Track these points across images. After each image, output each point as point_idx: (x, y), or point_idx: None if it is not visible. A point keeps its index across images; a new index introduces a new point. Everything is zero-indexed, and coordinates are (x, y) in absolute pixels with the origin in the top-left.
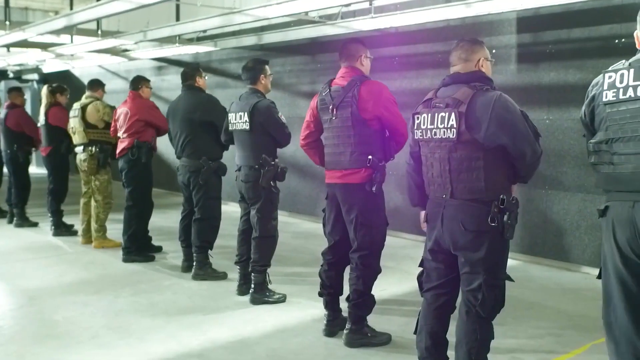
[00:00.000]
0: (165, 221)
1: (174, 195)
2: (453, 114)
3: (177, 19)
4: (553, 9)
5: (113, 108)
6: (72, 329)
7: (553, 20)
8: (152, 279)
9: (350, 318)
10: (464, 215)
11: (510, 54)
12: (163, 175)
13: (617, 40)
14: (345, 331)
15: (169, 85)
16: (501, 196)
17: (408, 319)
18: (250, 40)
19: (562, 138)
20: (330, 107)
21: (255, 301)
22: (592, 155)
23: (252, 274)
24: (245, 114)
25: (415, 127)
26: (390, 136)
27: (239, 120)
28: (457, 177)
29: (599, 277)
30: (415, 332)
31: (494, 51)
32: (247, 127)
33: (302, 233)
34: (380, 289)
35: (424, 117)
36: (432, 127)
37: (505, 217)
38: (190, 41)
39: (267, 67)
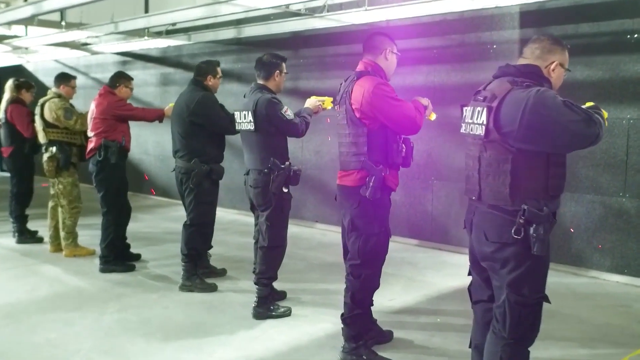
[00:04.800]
0: (139, 226)
1: (143, 198)
2: (485, 110)
3: (146, 10)
4: (559, 3)
5: (73, 114)
6: (57, 353)
7: (559, 14)
8: (136, 291)
9: (343, 336)
10: (487, 225)
11: (512, 49)
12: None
13: (628, 36)
14: (340, 349)
15: (135, 82)
16: (523, 206)
17: (428, 333)
18: (228, 33)
19: None
20: (336, 103)
21: (258, 316)
22: None
23: (257, 286)
24: (250, 113)
25: (462, 120)
26: (398, 137)
27: (243, 120)
28: (485, 179)
29: None
30: (470, 347)
31: (494, 46)
32: (252, 128)
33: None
34: (389, 299)
35: (468, 110)
36: (471, 121)
37: (532, 230)
38: (159, 34)
39: (284, 64)
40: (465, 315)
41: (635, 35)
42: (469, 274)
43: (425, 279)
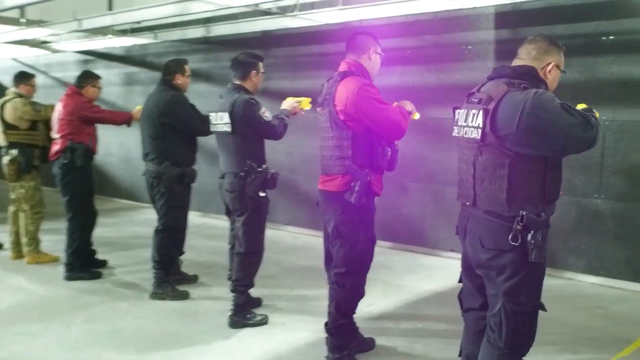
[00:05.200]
0: (104, 230)
1: (107, 201)
2: (481, 112)
3: (110, 8)
4: (535, 4)
5: (40, 106)
6: None
7: (534, 15)
8: (105, 300)
9: (327, 346)
10: (482, 231)
11: (487, 50)
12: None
13: (604, 38)
14: (323, 359)
15: None
16: (521, 212)
17: (410, 339)
18: (197, 32)
19: None
20: (319, 105)
21: (235, 324)
22: None
23: (233, 294)
24: (226, 114)
25: (455, 124)
26: (383, 140)
27: (219, 122)
28: (480, 184)
29: None
30: (459, 355)
31: (469, 47)
32: (229, 129)
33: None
34: (367, 305)
35: (461, 113)
36: (465, 124)
37: (529, 236)
38: (123, 32)
39: (261, 63)
40: (446, 320)
41: (611, 37)
42: (460, 281)
43: (402, 283)
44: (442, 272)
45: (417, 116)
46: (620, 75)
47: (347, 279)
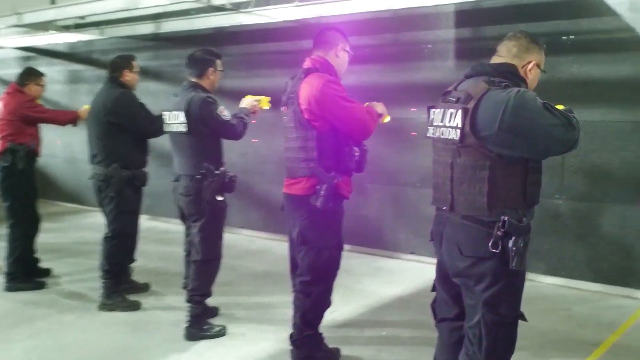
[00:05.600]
0: (47, 237)
1: (50, 205)
2: (460, 112)
3: (53, 2)
4: (495, 2)
5: None
6: None
7: (495, 14)
8: (50, 312)
9: (292, 358)
10: (461, 237)
11: (447, 49)
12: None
13: (564, 37)
14: None
15: None
16: (503, 217)
17: (376, 348)
18: (146, 28)
19: None
20: (283, 104)
21: (191, 337)
22: None
23: (189, 304)
24: (181, 113)
25: (429, 124)
26: (350, 140)
27: (174, 121)
28: (458, 188)
29: None
30: None
31: (429, 46)
32: (184, 129)
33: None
34: (330, 311)
35: (437, 113)
36: (442, 124)
37: (511, 243)
38: (67, 28)
39: (219, 61)
40: (411, 326)
41: (571, 37)
42: (433, 289)
43: (364, 287)
44: (403, 275)
45: (387, 119)
46: (580, 75)
47: (313, 288)
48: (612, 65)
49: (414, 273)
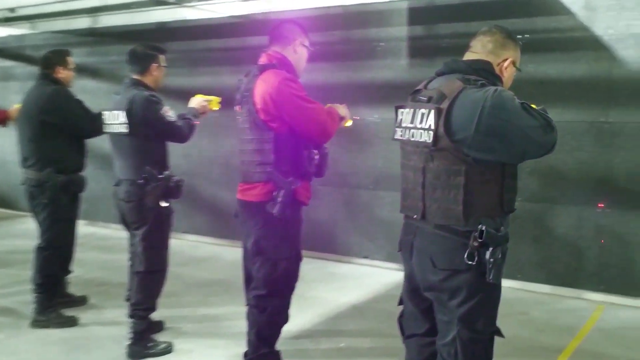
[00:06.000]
0: None
1: None
2: (432, 112)
3: None
4: (449, 0)
5: None
6: None
7: (449, 11)
8: None
9: None
10: (434, 249)
11: (400, 47)
12: None
13: (519, 36)
14: None
15: None
16: (480, 226)
17: None
18: (82, 22)
19: None
20: (236, 103)
21: (134, 355)
22: None
23: (132, 319)
24: (122, 113)
25: (397, 125)
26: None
27: (114, 122)
28: (431, 194)
29: None
30: None
31: (381, 44)
32: (125, 130)
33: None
34: None
35: (406, 113)
36: (412, 126)
37: (488, 254)
38: None
39: (162, 56)
40: (368, 335)
41: (526, 36)
42: (400, 303)
43: (317, 295)
44: (357, 281)
45: (349, 123)
46: (537, 75)
47: (269, 302)
48: (568, 65)
49: (368, 278)
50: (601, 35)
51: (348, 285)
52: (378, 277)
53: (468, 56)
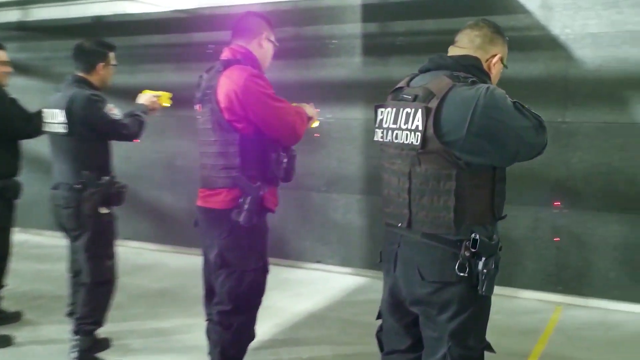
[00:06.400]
0: None
1: None
2: (420, 111)
3: None
4: None
5: None
6: None
7: (405, 9)
8: None
9: None
10: (422, 260)
11: (354, 45)
12: None
13: None
14: None
15: None
16: (473, 235)
17: None
18: (11, 15)
19: None
20: (196, 102)
21: None
22: None
23: (77, 336)
24: (61, 112)
25: (377, 125)
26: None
27: (53, 121)
28: (418, 201)
29: None
30: None
31: (334, 41)
32: (64, 130)
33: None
34: None
35: (388, 113)
36: (395, 126)
37: (481, 265)
38: None
39: (112, 54)
40: (329, 343)
41: None
42: (379, 317)
43: (273, 303)
44: (312, 287)
45: (316, 124)
46: None
47: (234, 318)
48: (525, 64)
49: (323, 284)
50: (558, 34)
51: (303, 292)
52: (333, 283)
53: (454, 51)
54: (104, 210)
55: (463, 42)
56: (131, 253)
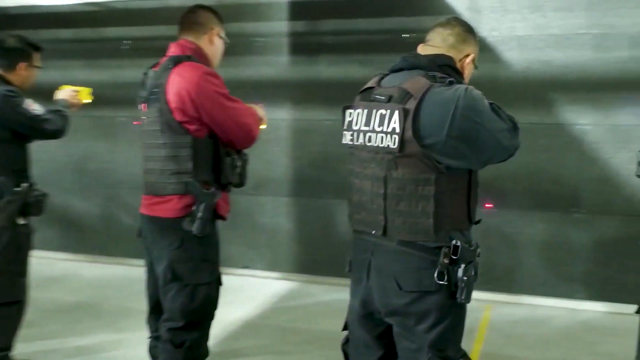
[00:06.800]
0: None
1: None
2: (397, 113)
3: None
4: None
5: None
6: None
7: (332, 7)
8: None
9: None
10: (399, 268)
11: (281, 43)
12: None
13: (404, 35)
14: None
15: None
16: (454, 242)
17: None
18: None
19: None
20: (141, 101)
21: None
22: None
23: None
24: None
25: (345, 127)
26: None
27: None
28: (394, 207)
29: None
30: None
31: (260, 39)
32: None
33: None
34: None
35: (358, 114)
36: (367, 129)
37: (460, 272)
38: None
39: (38, 54)
40: (269, 353)
41: (414, 35)
42: (345, 328)
43: None
44: (241, 294)
45: (264, 125)
46: None
47: (187, 336)
48: None
49: (252, 290)
50: (486, 36)
51: (233, 299)
52: (262, 288)
53: (426, 50)
54: (21, 221)
55: (435, 41)
56: (40, 264)
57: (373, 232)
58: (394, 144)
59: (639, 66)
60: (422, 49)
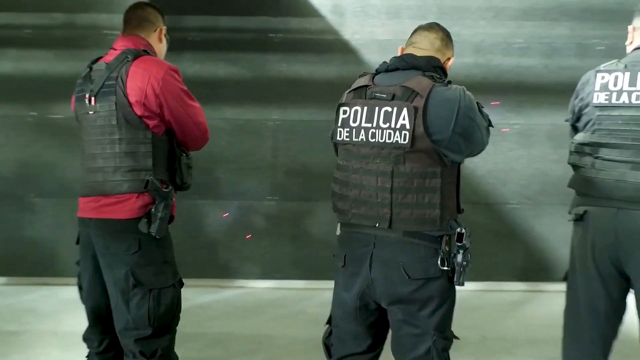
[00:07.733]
0: None
1: None
2: (405, 110)
3: None
4: None
5: None
6: None
7: (197, 3)
8: None
9: None
10: (406, 258)
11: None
12: None
13: (272, 35)
14: None
15: None
16: (458, 229)
17: None
18: None
19: (215, 141)
20: (87, 95)
21: None
22: (574, 155)
23: None
24: None
25: (339, 124)
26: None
27: None
28: (401, 200)
29: (565, 279)
30: None
31: (115, 32)
32: None
33: None
34: None
35: (357, 111)
36: (370, 125)
37: (460, 257)
38: None
39: None
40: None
41: (280, 35)
42: (329, 322)
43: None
44: None
45: None
46: (289, 74)
47: (157, 344)
48: (320, 66)
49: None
50: (349, 39)
51: None
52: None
53: (415, 52)
54: None
55: (423, 43)
56: None
57: (376, 225)
58: (403, 140)
59: (482, 71)
60: (410, 51)
